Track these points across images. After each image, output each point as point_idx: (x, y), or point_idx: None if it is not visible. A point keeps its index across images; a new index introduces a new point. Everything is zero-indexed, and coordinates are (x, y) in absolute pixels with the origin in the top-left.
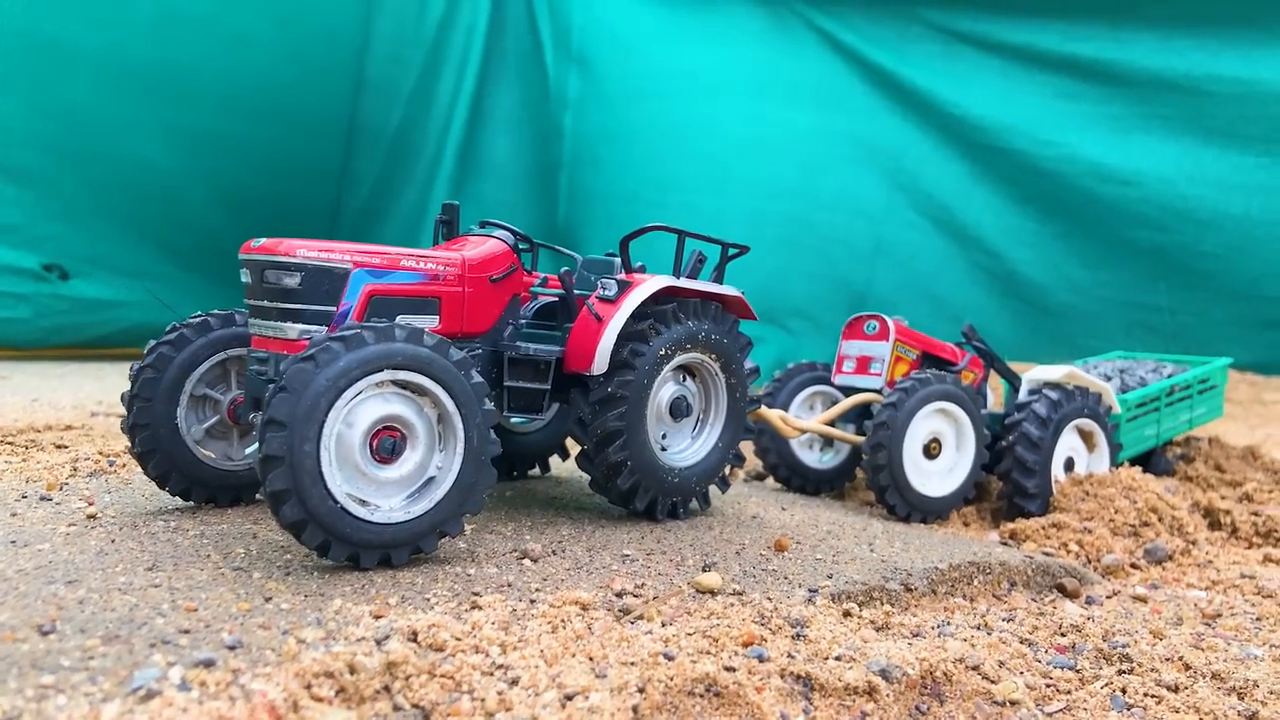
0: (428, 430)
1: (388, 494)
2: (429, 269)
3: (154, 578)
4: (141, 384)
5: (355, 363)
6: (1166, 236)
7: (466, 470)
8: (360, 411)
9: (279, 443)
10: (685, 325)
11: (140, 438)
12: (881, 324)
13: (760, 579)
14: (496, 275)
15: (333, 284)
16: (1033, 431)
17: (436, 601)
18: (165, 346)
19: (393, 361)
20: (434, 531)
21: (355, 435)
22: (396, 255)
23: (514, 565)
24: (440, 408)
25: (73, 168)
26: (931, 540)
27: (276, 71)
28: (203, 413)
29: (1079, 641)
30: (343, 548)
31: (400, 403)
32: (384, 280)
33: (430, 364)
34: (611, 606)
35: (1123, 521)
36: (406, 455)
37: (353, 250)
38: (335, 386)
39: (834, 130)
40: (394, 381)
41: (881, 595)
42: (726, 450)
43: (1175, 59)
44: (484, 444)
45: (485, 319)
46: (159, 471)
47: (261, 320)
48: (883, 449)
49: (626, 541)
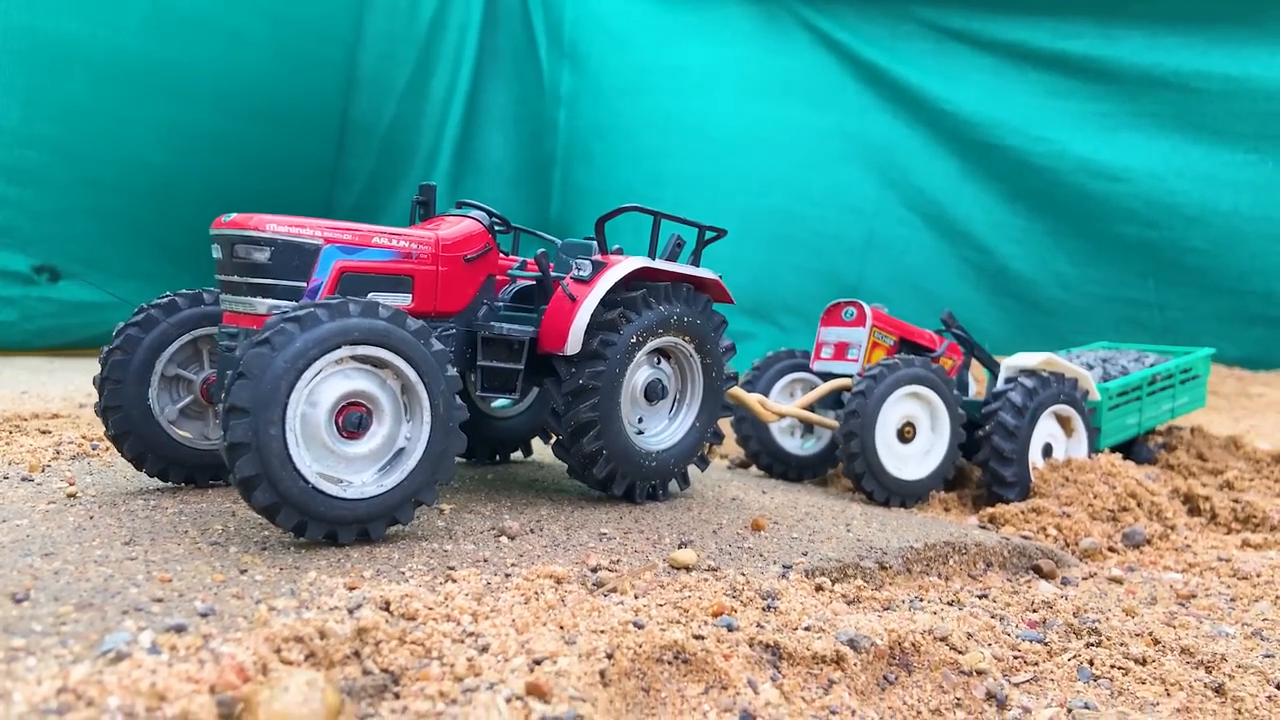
0: (392, 402)
1: (359, 469)
2: (401, 246)
3: (130, 551)
4: (111, 366)
5: (312, 342)
6: (1155, 232)
7: (436, 438)
8: (323, 390)
9: (243, 429)
10: (656, 310)
11: (113, 420)
12: (859, 310)
13: (735, 556)
14: (471, 255)
15: (303, 259)
16: (1009, 420)
17: (411, 575)
18: (133, 328)
19: (350, 337)
20: (409, 502)
21: (320, 414)
22: (369, 232)
23: (491, 542)
24: (403, 379)
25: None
26: (909, 522)
27: (270, 69)
28: (176, 393)
29: (1050, 617)
30: (319, 526)
31: (362, 377)
32: (355, 257)
33: (388, 336)
34: (585, 580)
35: (1101, 506)
36: (374, 429)
37: (324, 226)
38: (294, 368)
39: (825, 126)
40: (354, 357)
41: (856, 572)
42: (704, 430)
43: (1164, 56)
44: (450, 410)
45: (459, 298)
46: (135, 453)
47: (232, 296)
48: (855, 436)
49: (604, 521)
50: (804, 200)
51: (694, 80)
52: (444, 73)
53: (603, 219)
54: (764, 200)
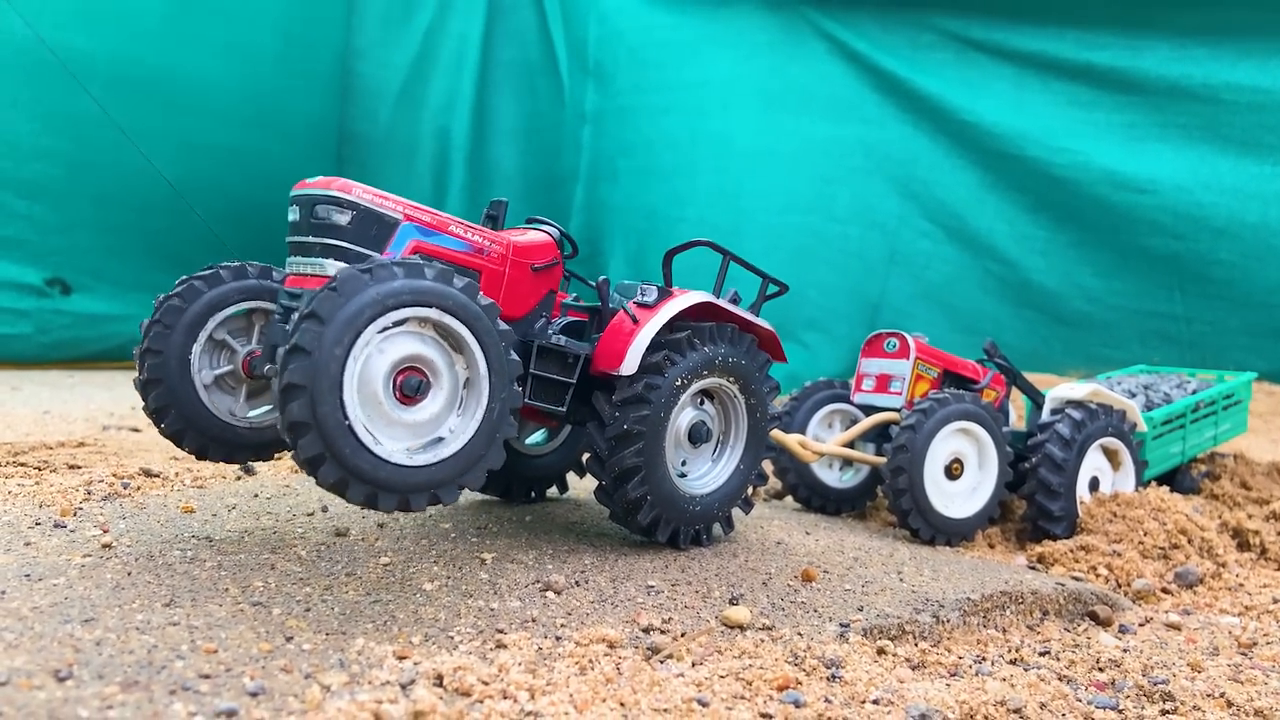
0: (453, 386)
1: (396, 436)
2: (475, 240)
3: (172, 615)
4: (165, 310)
5: (409, 289)
6: (1182, 245)
7: (478, 440)
8: (396, 342)
9: (312, 337)
10: (701, 352)
11: (150, 364)
12: (902, 341)
13: (790, 612)
14: (539, 264)
15: (381, 230)
16: (1056, 453)
17: (460, 639)
18: (198, 280)
19: (446, 303)
20: (428, 490)
21: (384, 364)
22: (447, 219)
23: (537, 598)
24: (473, 369)
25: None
26: (960, 566)
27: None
28: (217, 359)
29: (1118, 678)
30: (335, 468)
31: (437, 350)
32: (431, 240)
33: (478, 321)
34: (639, 644)
35: (1152, 544)
36: (425, 404)
37: (406, 204)
38: (383, 303)
39: (846, 140)
40: (438, 326)
41: (914, 628)
42: (748, 472)
43: (1192, 67)
44: (503, 420)
45: (521, 305)
46: (158, 405)
47: (302, 257)
48: (903, 472)
49: (650, 571)
50: (826, 217)
51: (715, 95)
52: (442, 81)
53: (671, 251)
54: (787, 218)
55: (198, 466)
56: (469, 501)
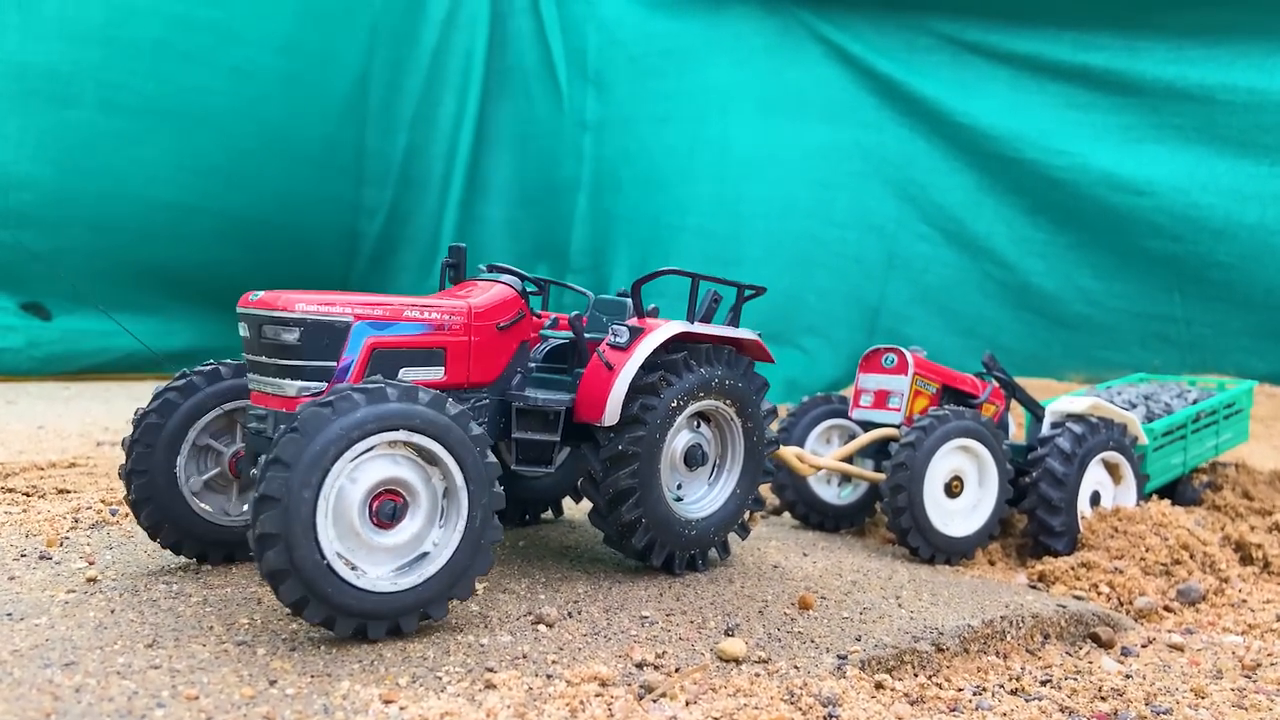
0: (431, 501)
1: (378, 561)
2: (433, 319)
3: (154, 656)
4: (144, 429)
5: (373, 416)
6: (1181, 246)
7: (463, 551)
8: (368, 469)
9: (279, 484)
10: (697, 373)
11: (137, 485)
12: (900, 357)
13: (786, 643)
14: (504, 323)
15: (333, 338)
16: (1057, 468)
17: (448, 680)
18: (172, 393)
19: (411, 423)
20: (416, 610)
21: (358, 492)
22: (400, 306)
23: (529, 632)
24: (450, 480)
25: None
26: (960, 589)
27: (281, 102)
28: (203, 464)
29: (1121, 708)
30: (320, 609)
31: (410, 468)
32: (386, 333)
33: (448, 433)
34: (632, 682)
35: (1154, 560)
36: (404, 524)
37: (354, 302)
38: (348, 437)
39: (844, 144)
40: (408, 444)
41: (913, 658)
42: (745, 496)
43: (1188, 68)
44: (486, 527)
45: (493, 368)
46: (152, 522)
47: (260, 376)
48: (903, 490)
49: (645, 599)
50: (825, 222)
51: (714, 102)
52: (451, 99)
53: (638, 282)
54: (786, 224)
55: None
56: None
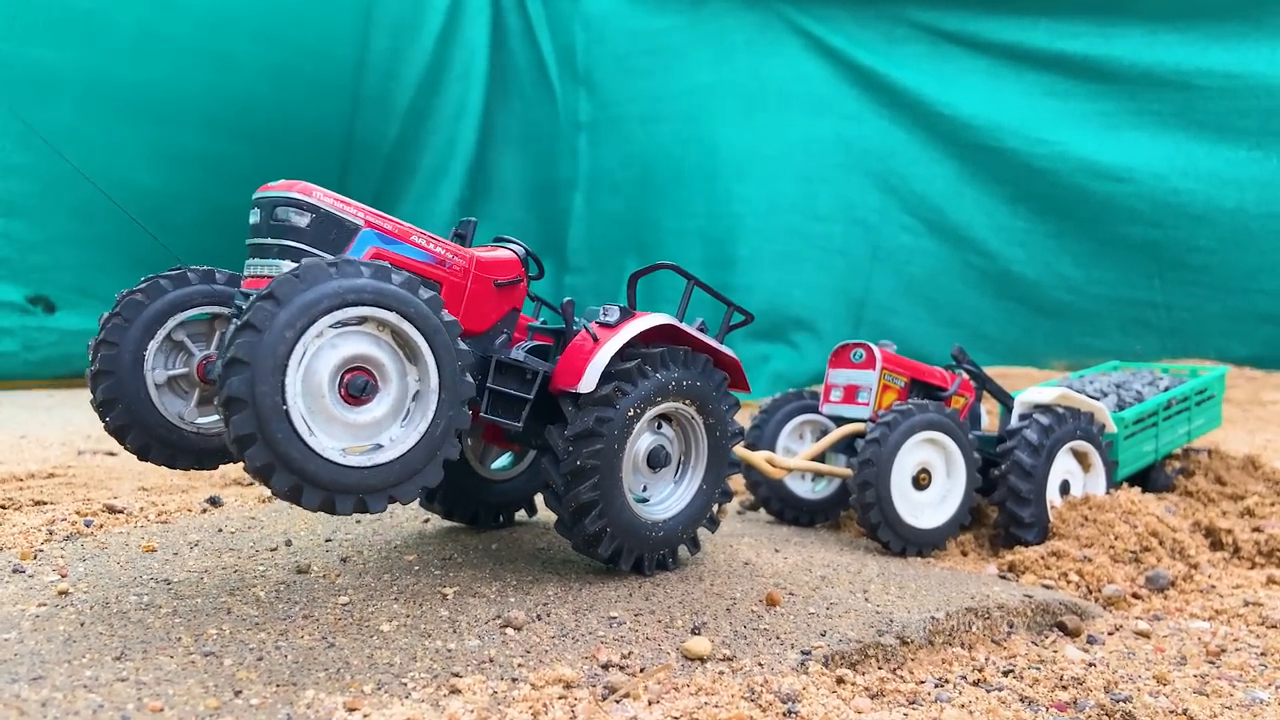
0: (400, 395)
1: (333, 433)
2: (437, 251)
3: (121, 669)
4: (125, 305)
5: (370, 289)
6: (1160, 232)
7: (417, 453)
8: (351, 341)
9: (264, 315)
10: (653, 379)
11: (103, 355)
12: (868, 352)
13: (751, 640)
14: (502, 280)
15: (340, 234)
16: (1024, 459)
17: (414, 686)
18: (165, 280)
19: (406, 310)
20: (353, 493)
21: (334, 358)
22: (409, 229)
23: (496, 635)
24: (424, 382)
25: (58, 195)
26: (928, 581)
27: (266, 91)
28: (172, 360)
29: (1081, 696)
30: (262, 449)
31: (390, 356)
32: (392, 248)
33: (437, 334)
34: (596, 683)
35: (1123, 548)
36: (369, 406)
37: (368, 211)
38: (342, 295)
39: (826, 137)
40: (395, 331)
41: (876, 652)
42: (711, 492)
43: (1164, 54)
44: (446, 439)
45: (482, 320)
46: (106, 397)
47: (260, 260)
48: (870, 486)
49: (614, 600)
50: (810, 217)
51: (700, 100)
52: (453, 91)
53: (636, 274)
54: (773, 220)
55: (163, 500)
56: (435, 530)
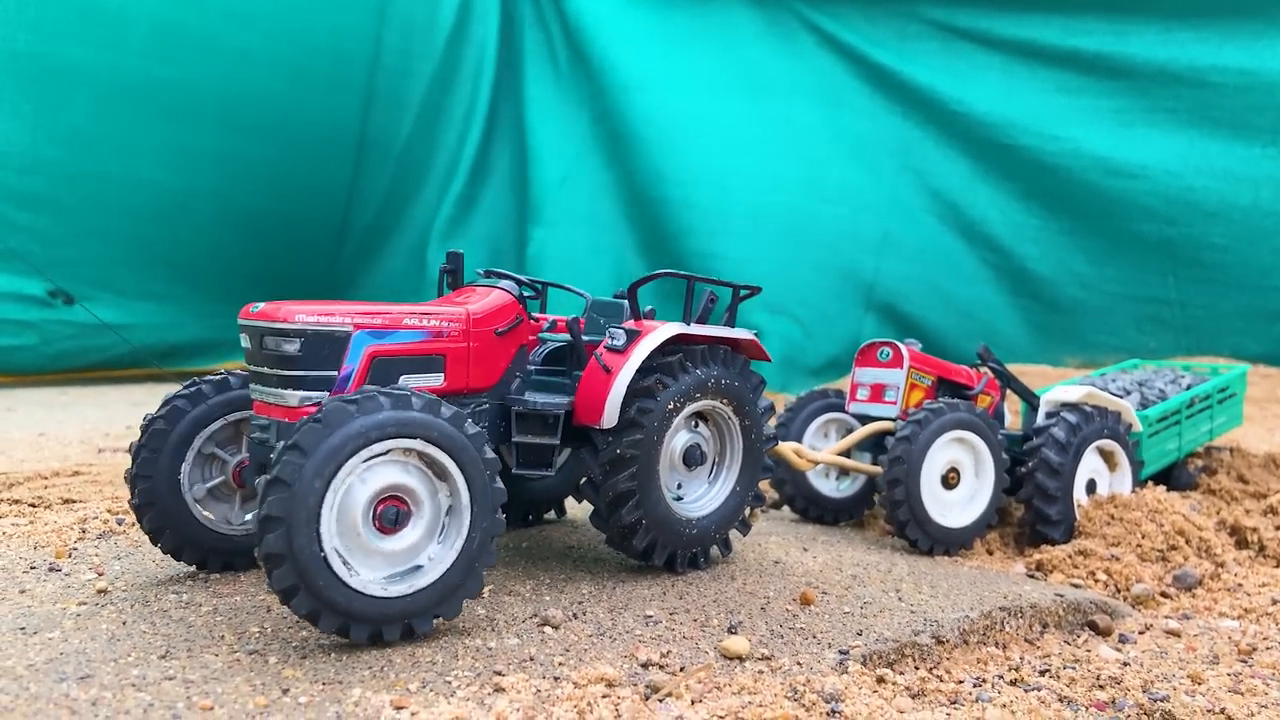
0: (434, 514)
1: (373, 565)
2: (432, 326)
3: (168, 667)
4: (151, 435)
5: (394, 421)
6: (1174, 230)
7: (456, 569)
8: (379, 472)
9: (292, 469)
10: (693, 374)
11: (141, 489)
12: (895, 351)
13: (788, 639)
14: (502, 328)
15: (334, 348)
16: (1052, 457)
17: (458, 684)
18: (181, 400)
19: (430, 434)
20: (401, 620)
21: (365, 493)
22: (398, 314)
23: (535, 634)
24: (456, 498)
25: (77, 191)
26: (959, 580)
27: (281, 88)
28: (208, 472)
29: (1119, 696)
30: (308, 600)
31: (419, 479)
32: (386, 341)
33: (463, 451)
34: (638, 682)
35: (1150, 546)
36: (404, 533)
37: (353, 311)
38: (367, 435)
39: (835, 127)
40: (422, 455)
41: (913, 651)
42: (745, 493)
43: (1178, 51)
44: (483, 550)
45: (491, 373)
46: (153, 526)
47: (262, 387)
48: (899, 483)
49: (648, 599)
50: (816, 198)
51: (701, 85)
52: (464, 88)
53: (635, 285)
54: (775, 197)
55: None
56: None
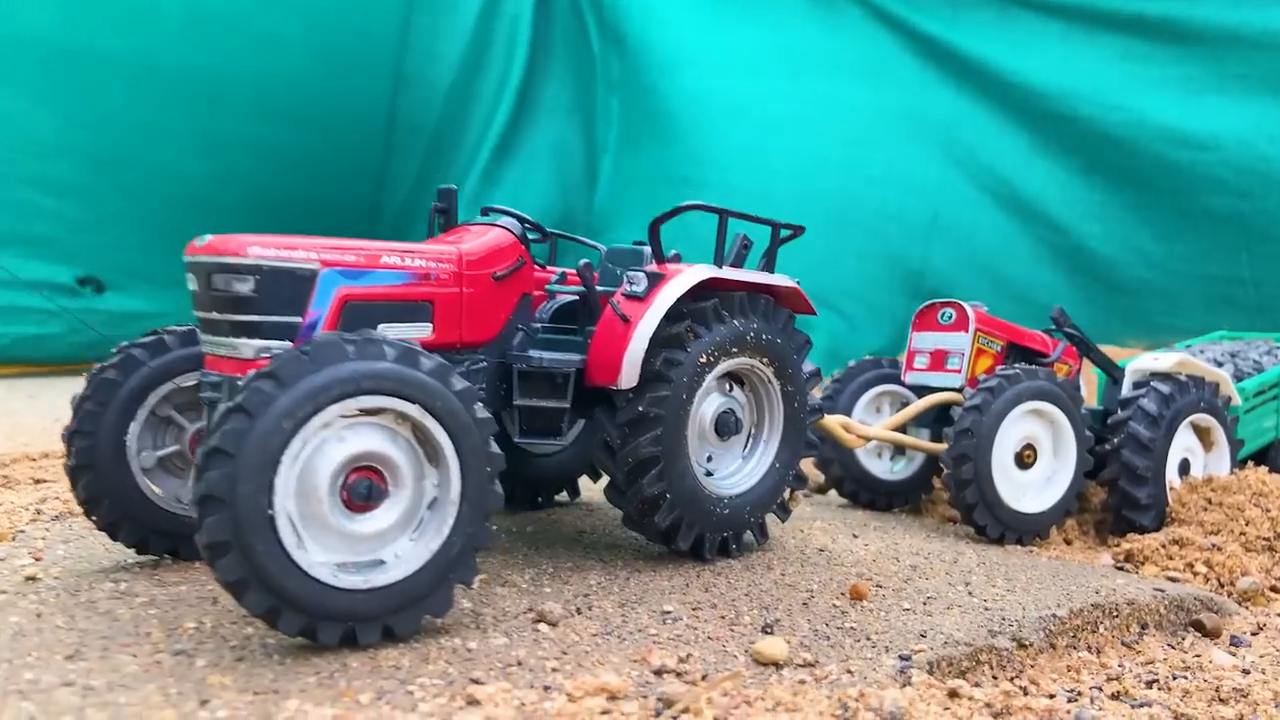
0: (414, 503)
1: (328, 545)
2: (416, 266)
3: (70, 671)
4: (97, 386)
5: (393, 375)
6: (1247, 203)
7: (425, 575)
8: (362, 434)
9: (260, 399)
10: (730, 325)
11: (78, 448)
12: (959, 312)
13: (836, 641)
14: (501, 271)
15: (297, 289)
16: (1142, 432)
17: (422, 695)
18: (138, 349)
19: (433, 403)
20: (343, 622)
21: (339, 455)
22: (376, 251)
23: (527, 633)
24: (444, 490)
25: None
26: (1038, 572)
27: (312, 72)
28: (162, 438)
29: (1247, 713)
30: (240, 561)
31: (408, 456)
32: (361, 283)
33: (467, 435)
34: (649, 694)
35: (1255, 535)
36: (374, 514)
37: (321, 246)
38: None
39: (882, 104)
40: (416, 425)
41: (991, 658)
42: (785, 471)
43: (1251, 14)
44: (463, 562)
45: (490, 325)
46: (89, 494)
47: (212, 336)
48: (968, 460)
49: (668, 591)
50: (862, 180)
51: (739, 61)
52: (495, 66)
53: (658, 220)
54: (818, 182)
55: None
56: None
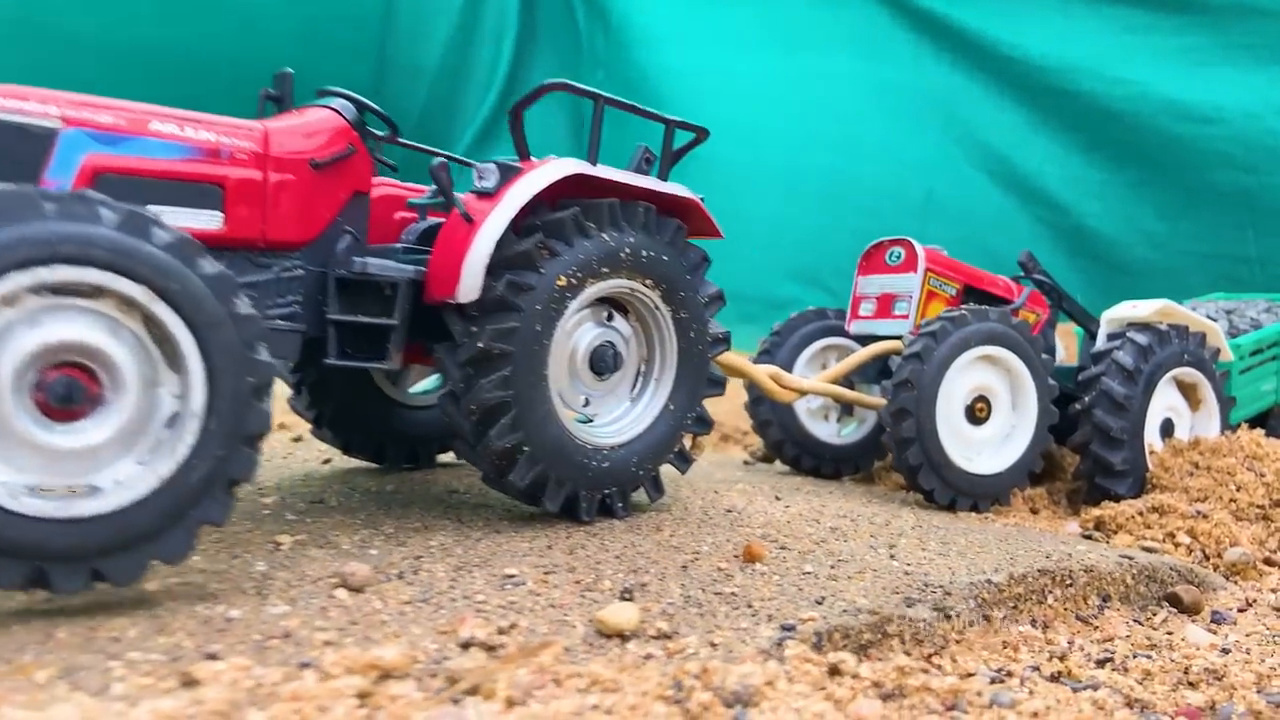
0: (140, 414)
1: (12, 460)
2: (202, 140)
3: None
4: None
5: (108, 243)
6: (1254, 178)
7: (152, 508)
8: (61, 322)
9: None
10: (596, 239)
11: None
12: (908, 251)
13: (709, 609)
14: (322, 159)
15: (28, 147)
16: (1116, 389)
17: (124, 674)
18: None
19: (166, 285)
20: (34, 561)
21: (29, 344)
22: (148, 113)
23: (319, 599)
24: (186, 399)
25: None
26: (984, 538)
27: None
28: None
29: (1221, 700)
30: None
31: (133, 352)
32: (119, 150)
33: (214, 329)
34: (436, 673)
35: (1248, 501)
36: (79, 425)
37: (67, 101)
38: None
39: (875, 79)
40: (148, 317)
41: (903, 629)
42: (682, 414)
43: None
44: (209, 495)
45: (305, 224)
46: None
47: None
48: (909, 415)
49: (523, 554)
50: (856, 157)
51: (731, 35)
52: (485, 51)
53: (519, 104)
54: (810, 157)
55: None
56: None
